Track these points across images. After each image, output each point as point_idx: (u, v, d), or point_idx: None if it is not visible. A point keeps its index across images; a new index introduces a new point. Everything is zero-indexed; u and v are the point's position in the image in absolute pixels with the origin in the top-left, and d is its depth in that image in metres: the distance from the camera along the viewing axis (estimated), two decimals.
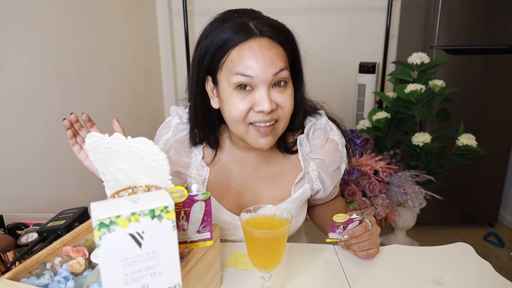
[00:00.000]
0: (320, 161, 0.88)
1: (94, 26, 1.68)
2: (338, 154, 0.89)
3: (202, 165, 0.87)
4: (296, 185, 0.89)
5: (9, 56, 1.16)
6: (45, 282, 0.57)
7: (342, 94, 2.63)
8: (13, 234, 0.85)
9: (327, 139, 0.88)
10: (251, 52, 0.69)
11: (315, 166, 0.88)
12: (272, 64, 0.70)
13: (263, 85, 0.71)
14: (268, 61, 0.69)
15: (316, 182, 0.89)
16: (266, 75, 0.70)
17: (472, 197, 2.42)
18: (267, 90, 0.71)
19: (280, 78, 0.72)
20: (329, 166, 0.88)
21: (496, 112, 2.26)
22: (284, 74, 0.72)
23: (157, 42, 2.51)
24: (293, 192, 0.89)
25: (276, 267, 0.69)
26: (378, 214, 1.87)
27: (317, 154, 0.88)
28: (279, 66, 0.71)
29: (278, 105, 0.74)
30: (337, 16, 2.50)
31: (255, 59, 0.69)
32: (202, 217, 0.64)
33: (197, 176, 0.87)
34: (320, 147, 0.87)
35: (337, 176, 0.92)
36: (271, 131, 0.75)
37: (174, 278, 0.54)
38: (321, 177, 0.89)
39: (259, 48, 0.70)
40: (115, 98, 1.86)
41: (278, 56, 0.71)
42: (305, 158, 0.88)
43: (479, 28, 2.13)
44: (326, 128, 0.89)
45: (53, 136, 1.36)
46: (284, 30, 0.76)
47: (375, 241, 0.81)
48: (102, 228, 0.47)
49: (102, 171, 0.67)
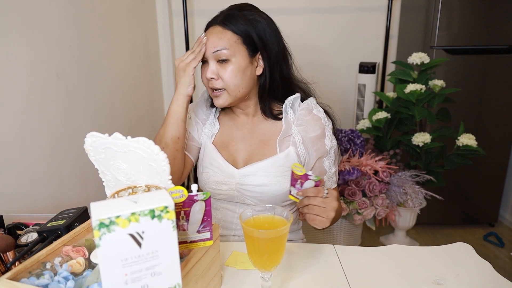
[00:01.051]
0: (303, 128, 1.01)
1: (94, 26, 1.68)
2: (320, 125, 1.00)
3: (215, 122, 1.10)
4: (280, 143, 1.01)
5: (9, 56, 1.16)
6: (45, 282, 0.57)
7: (342, 94, 2.63)
8: (13, 234, 0.85)
9: (311, 112, 1.02)
10: (208, 34, 0.96)
11: (297, 130, 1.01)
12: (213, 45, 0.94)
13: (210, 59, 0.96)
14: (211, 41, 0.94)
15: (299, 146, 1.01)
16: (208, 52, 0.95)
17: (472, 197, 2.42)
18: (212, 63, 0.95)
19: (221, 56, 0.94)
20: (311, 132, 1.00)
21: (496, 112, 2.25)
22: (222, 53, 0.93)
23: (157, 42, 2.51)
24: (279, 149, 1.01)
25: (276, 267, 0.69)
26: (378, 214, 1.87)
27: (300, 121, 1.01)
28: (217, 46, 0.93)
29: (219, 76, 0.95)
30: (337, 16, 2.50)
31: (207, 38, 0.95)
32: (202, 217, 0.64)
33: (208, 132, 1.09)
34: (303, 116, 1.01)
35: (321, 147, 1.00)
36: (220, 92, 0.97)
37: (174, 278, 0.54)
38: (304, 142, 1.00)
39: (210, 32, 0.96)
40: (115, 98, 1.86)
41: (220, 39, 0.94)
42: (288, 122, 1.02)
43: (479, 28, 2.13)
44: (312, 106, 1.03)
45: (53, 136, 1.36)
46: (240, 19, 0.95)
47: (326, 211, 0.82)
48: (102, 228, 0.47)
49: (102, 171, 0.67)
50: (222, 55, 0.94)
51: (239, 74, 0.95)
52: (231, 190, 1.03)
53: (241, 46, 0.95)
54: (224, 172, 1.03)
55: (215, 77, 0.95)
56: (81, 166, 1.51)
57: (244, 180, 1.00)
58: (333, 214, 0.83)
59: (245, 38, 0.95)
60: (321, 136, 1.00)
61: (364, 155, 1.96)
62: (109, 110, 1.79)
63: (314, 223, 0.84)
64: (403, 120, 2.03)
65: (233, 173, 1.02)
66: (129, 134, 0.60)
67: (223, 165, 1.04)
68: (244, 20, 0.96)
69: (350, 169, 1.83)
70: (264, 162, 1.00)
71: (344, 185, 1.87)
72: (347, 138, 2.01)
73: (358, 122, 2.20)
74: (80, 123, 1.52)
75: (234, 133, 1.08)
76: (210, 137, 1.09)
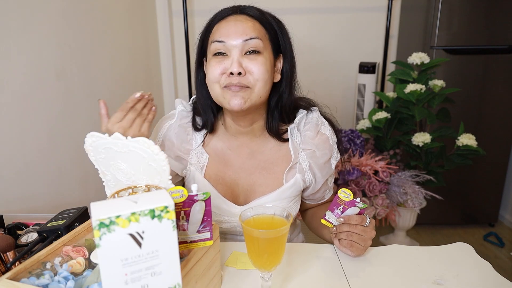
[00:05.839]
0: (310, 152, 0.90)
1: (94, 26, 1.68)
2: (328, 147, 0.91)
3: (202, 152, 0.91)
4: (287, 174, 0.91)
5: (9, 56, 1.16)
6: (45, 282, 0.57)
7: (342, 94, 2.63)
8: (13, 234, 0.85)
9: (318, 132, 0.91)
10: (227, 23, 0.79)
11: (305, 156, 0.91)
12: (243, 32, 0.77)
13: (234, 50, 0.78)
14: (240, 29, 0.77)
15: (307, 173, 0.91)
16: (237, 41, 0.77)
17: (472, 197, 2.42)
18: (239, 55, 0.78)
19: (251, 46, 0.78)
20: (319, 157, 0.91)
21: (496, 112, 2.25)
22: (256, 42, 0.78)
23: (157, 42, 2.51)
24: (285, 180, 0.91)
25: (276, 267, 0.69)
26: (378, 214, 1.87)
27: (308, 145, 0.91)
28: (250, 34, 0.77)
29: (247, 71, 0.78)
30: (337, 16, 2.50)
31: (227, 27, 0.78)
32: (202, 217, 0.64)
33: (197, 162, 0.90)
34: (310, 139, 0.90)
35: (328, 170, 0.93)
36: (242, 91, 0.79)
37: (174, 278, 0.54)
38: (312, 168, 0.91)
39: (234, 20, 0.78)
40: (115, 98, 1.86)
41: (251, 28, 0.78)
42: (295, 148, 0.91)
43: (479, 28, 2.13)
44: (318, 122, 0.92)
45: (53, 136, 1.36)
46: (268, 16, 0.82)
47: (364, 240, 0.81)
48: (102, 228, 0.47)
49: (102, 171, 0.67)
50: (255, 45, 0.78)
51: (266, 68, 0.80)
52: (233, 226, 0.92)
53: (269, 43, 0.81)
54: (223, 211, 0.90)
55: (242, 72, 0.78)
56: (81, 166, 1.51)
57: None
58: (370, 243, 0.82)
59: (272, 35, 0.82)
60: (328, 158, 0.92)
61: (364, 155, 1.96)
62: (109, 110, 1.78)
63: (352, 250, 0.82)
64: (403, 120, 2.03)
65: (234, 212, 0.89)
66: None
67: (221, 204, 0.89)
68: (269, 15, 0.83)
69: (350, 169, 1.83)
70: (270, 196, 0.89)
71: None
72: (347, 138, 2.01)
73: (358, 122, 2.19)
74: (80, 123, 1.52)
75: (230, 161, 0.91)
76: (200, 169, 0.90)
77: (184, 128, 0.92)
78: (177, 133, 0.91)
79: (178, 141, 0.91)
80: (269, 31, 0.82)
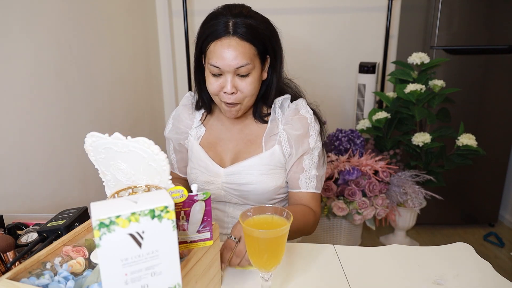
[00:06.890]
0: (289, 127, 1.01)
1: (94, 26, 1.68)
2: (305, 126, 1.00)
3: (200, 126, 1.10)
4: (266, 141, 1.03)
5: (9, 56, 1.16)
6: (45, 282, 0.57)
7: (342, 94, 2.63)
8: (13, 234, 0.85)
9: (298, 113, 1.02)
10: (221, 49, 0.90)
11: (283, 129, 1.02)
12: (235, 60, 0.90)
13: (228, 73, 0.92)
14: (232, 57, 0.90)
15: (285, 143, 1.02)
16: (230, 68, 0.91)
17: (472, 197, 2.42)
18: (231, 77, 0.92)
19: (242, 71, 0.92)
20: (296, 130, 1.00)
21: (496, 112, 2.25)
22: (246, 68, 0.91)
23: (157, 42, 2.51)
24: (264, 148, 1.03)
25: (276, 267, 0.69)
26: (378, 214, 1.87)
27: (287, 120, 1.02)
28: (241, 62, 0.90)
29: (239, 90, 0.94)
30: (337, 16, 2.50)
31: (222, 55, 0.90)
32: (202, 217, 0.64)
33: (195, 134, 1.10)
34: (290, 116, 1.02)
35: (304, 146, 1.00)
36: (235, 107, 0.97)
37: (174, 278, 0.54)
38: (289, 140, 1.01)
39: (228, 46, 0.90)
40: (115, 98, 1.86)
41: (242, 55, 0.90)
42: (275, 121, 1.04)
43: (479, 28, 2.13)
44: (300, 106, 1.03)
45: (53, 136, 1.36)
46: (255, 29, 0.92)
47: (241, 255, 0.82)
48: (102, 228, 0.47)
49: (102, 171, 0.67)
50: (245, 70, 0.91)
51: (254, 85, 0.95)
52: (217, 189, 1.04)
53: (257, 58, 0.94)
54: (211, 172, 1.04)
55: (235, 91, 0.94)
56: (81, 166, 1.51)
57: (230, 179, 1.01)
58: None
59: (260, 48, 0.94)
60: (305, 135, 1.00)
61: (364, 155, 1.96)
62: (109, 110, 1.79)
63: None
64: (403, 120, 2.03)
65: (219, 172, 1.03)
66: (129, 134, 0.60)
67: (209, 165, 1.05)
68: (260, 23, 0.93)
69: (350, 169, 1.83)
70: (249, 160, 1.01)
71: (344, 185, 1.87)
72: (347, 138, 2.01)
73: (358, 122, 2.19)
74: (80, 123, 1.52)
75: (222, 135, 1.09)
76: (197, 138, 1.10)
77: (187, 108, 1.12)
78: (181, 112, 1.12)
79: (182, 117, 1.12)
80: (258, 46, 0.93)
